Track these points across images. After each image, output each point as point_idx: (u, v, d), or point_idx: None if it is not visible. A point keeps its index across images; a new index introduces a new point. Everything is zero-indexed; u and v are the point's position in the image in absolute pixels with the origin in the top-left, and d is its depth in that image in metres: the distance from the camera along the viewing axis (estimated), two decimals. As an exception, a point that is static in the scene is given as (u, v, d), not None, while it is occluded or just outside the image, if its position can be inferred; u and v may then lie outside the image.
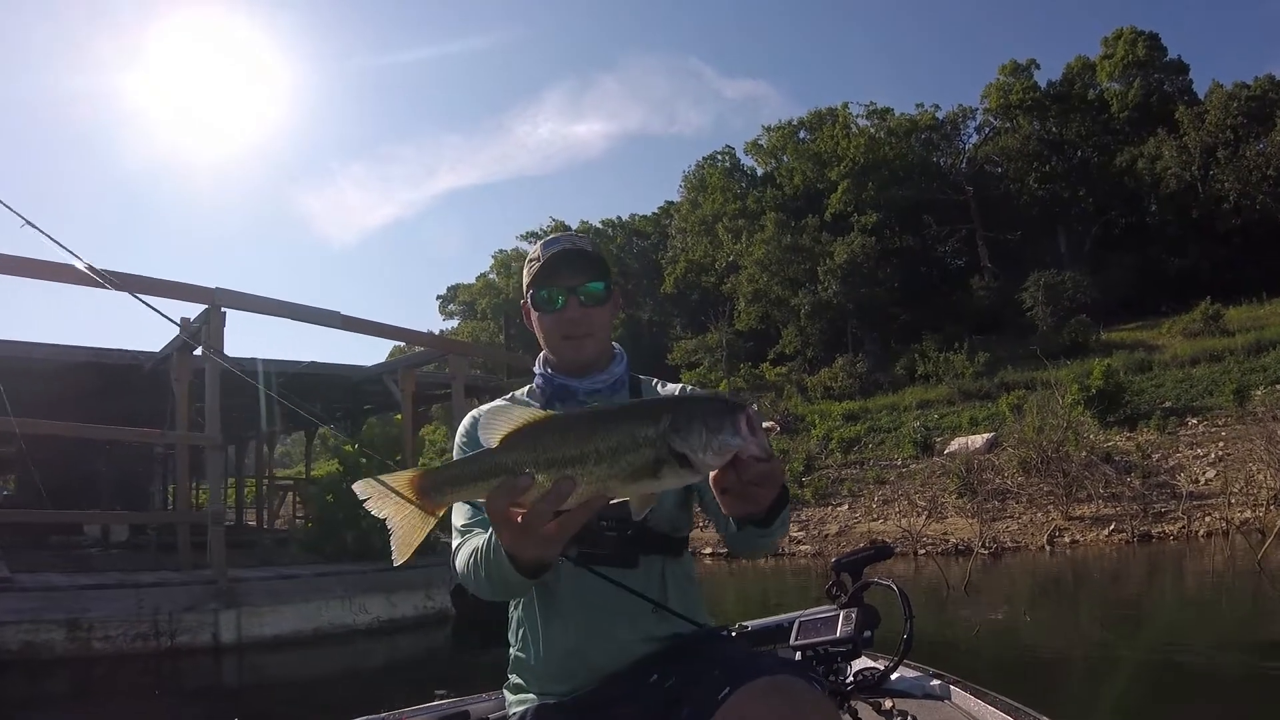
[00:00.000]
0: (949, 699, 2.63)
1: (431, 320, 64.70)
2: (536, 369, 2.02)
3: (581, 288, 1.89)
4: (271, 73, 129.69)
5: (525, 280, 1.94)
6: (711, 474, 1.33)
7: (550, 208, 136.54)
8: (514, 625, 1.92)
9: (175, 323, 1.99)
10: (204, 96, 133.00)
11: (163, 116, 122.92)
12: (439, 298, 67.71)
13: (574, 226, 61.64)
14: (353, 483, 1.37)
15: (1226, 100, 38.42)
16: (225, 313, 8.98)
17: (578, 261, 1.90)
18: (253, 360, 12.74)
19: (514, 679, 1.92)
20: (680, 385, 2.04)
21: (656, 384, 2.06)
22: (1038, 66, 46.39)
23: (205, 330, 8.82)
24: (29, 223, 2.04)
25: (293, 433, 24.00)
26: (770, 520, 1.59)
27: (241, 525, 22.10)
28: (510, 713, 1.88)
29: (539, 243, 1.97)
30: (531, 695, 1.84)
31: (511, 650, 1.93)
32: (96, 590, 7.87)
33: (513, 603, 1.90)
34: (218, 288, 8.89)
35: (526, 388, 2.07)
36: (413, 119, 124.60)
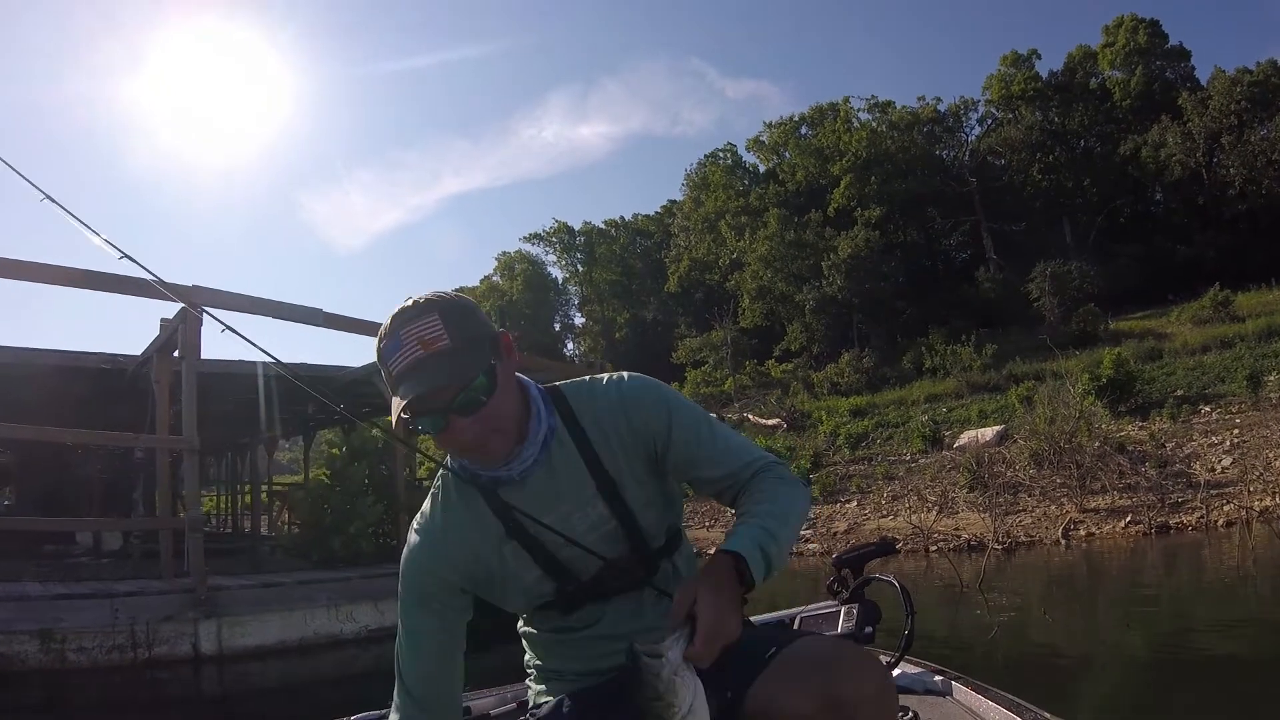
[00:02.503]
0: (950, 695, 2.64)
1: (436, 324, 64.26)
2: (452, 463, 1.67)
3: (455, 402, 1.47)
4: (276, 79, 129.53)
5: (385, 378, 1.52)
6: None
7: (555, 210, 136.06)
8: (531, 646, 1.85)
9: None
10: (208, 102, 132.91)
11: (167, 121, 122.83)
12: (443, 300, 67.36)
13: (577, 227, 61.45)
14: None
15: (1230, 86, 38.11)
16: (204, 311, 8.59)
17: (435, 370, 1.45)
18: (254, 363, 12.48)
19: (537, 686, 1.83)
20: (601, 376, 1.73)
21: (585, 390, 1.70)
22: (1039, 56, 46.38)
23: (182, 330, 8.46)
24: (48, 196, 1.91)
25: (291, 437, 23.67)
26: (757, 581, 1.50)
27: (239, 532, 21.85)
28: (538, 700, 1.79)
29: (379, 335, 1.51)
30: (561, 686, 1.77)
31: (531, 658, 1.85)
32: (69, 600, 7.56)
33: (525, 631, 1.84)
34: (194, 285, 8.54)
35: (441, 481, 1.71)
36: (418, 124, 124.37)
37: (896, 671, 2.62)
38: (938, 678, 2.73)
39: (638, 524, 1.65)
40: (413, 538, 1.68)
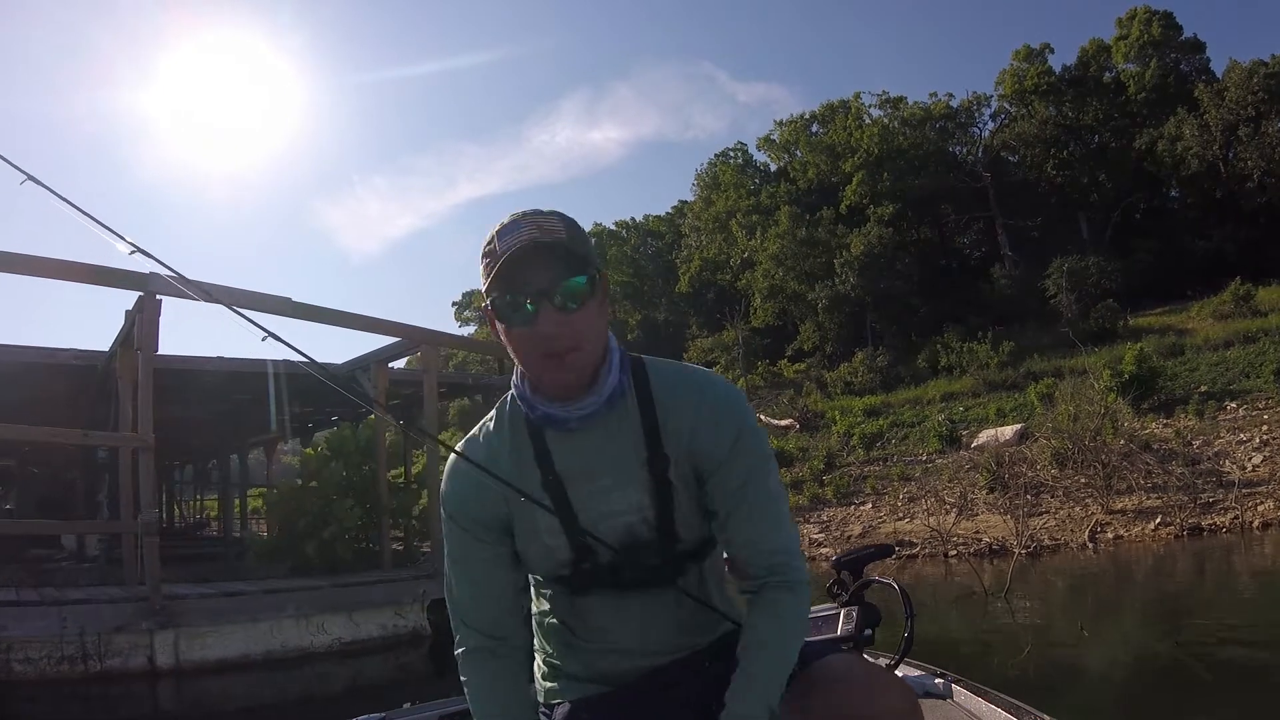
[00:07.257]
0: (950, 697, 2.65)
1: (448, 326, 64.19)
2: (513, 387, 1.62)
3: (556, 290, 1.44)
4: (285, 86, 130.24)
5: (483, 279, 1.48)
6: None
7: (567, 212, 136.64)
8: (543, 637, 1.75)
9: None
10: (222, 113, 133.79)
11: (181, 133, 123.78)
12: (454, 303, 67.35)
13: (588, 229, 60.78)
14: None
15: (1246, 77, 37.28)
16: (161, 300, 7.99)
17: (547, 255, 1.44)
18: (240, 361, 11.93)
19: (547, 684, 1.73)
20: (692, 365, 1.68)
21: (670, 371, 1.64)
22: (1052, 50, 45.38)
23: (139, 320, 7.86)
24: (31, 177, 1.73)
25: (290, 440, 23.22)
26: None
27: (229, 538, 21.49)
28: (550, 700, 1.71)
29: (495, 228, 1.49)
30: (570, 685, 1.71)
31: (540, 654, 1.75)
32: (15, 608, 7.01)
33: (538, 617, 1.76)
34: (152, 272, 7.90)
35: (499, 408, 1.66)
36: (432, 131, 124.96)
37: (897, 674, 2.51)
38: (938, 680, 2.73)
39: (674, 519, 1.59)
40: (453, 461, 1.63)
